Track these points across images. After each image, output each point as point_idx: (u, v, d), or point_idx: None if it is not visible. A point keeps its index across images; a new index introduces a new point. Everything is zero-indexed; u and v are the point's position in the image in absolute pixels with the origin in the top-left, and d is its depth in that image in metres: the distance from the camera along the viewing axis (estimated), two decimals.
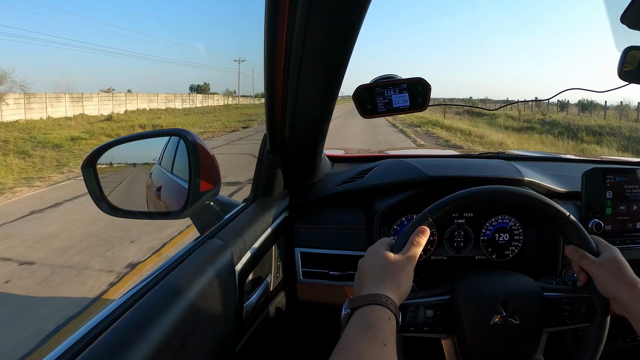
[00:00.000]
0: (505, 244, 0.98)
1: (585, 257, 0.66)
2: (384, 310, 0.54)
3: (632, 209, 0.95)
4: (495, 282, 0.71)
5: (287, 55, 0.69)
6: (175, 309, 0.51)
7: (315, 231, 0.98)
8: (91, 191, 0.81)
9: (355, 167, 1.17)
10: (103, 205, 0.82)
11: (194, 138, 0.76)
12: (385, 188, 1.00)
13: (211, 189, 0.79)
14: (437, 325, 0.66)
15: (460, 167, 1.05)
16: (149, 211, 1.01)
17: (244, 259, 0.72)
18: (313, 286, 0.98)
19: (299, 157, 0.97)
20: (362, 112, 0.76)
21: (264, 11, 0.63)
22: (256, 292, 0.78)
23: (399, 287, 0.59)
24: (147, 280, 0.57)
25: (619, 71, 0.78)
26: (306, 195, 1.03)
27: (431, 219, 0.67)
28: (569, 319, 0.67)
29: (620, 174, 0.95)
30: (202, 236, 0.72)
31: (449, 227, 0.97)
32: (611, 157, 2.39)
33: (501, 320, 0.65)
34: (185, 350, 0.51)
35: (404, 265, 0.61)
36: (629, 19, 0.67)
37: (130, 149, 0.85)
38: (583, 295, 0.67)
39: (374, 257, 0.63)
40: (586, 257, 0.66)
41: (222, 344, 0.65)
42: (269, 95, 0.79)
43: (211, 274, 0.61)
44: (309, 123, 0.88)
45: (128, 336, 0.45)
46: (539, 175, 1.05)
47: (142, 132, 0.87)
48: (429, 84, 0.74)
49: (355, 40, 0.67)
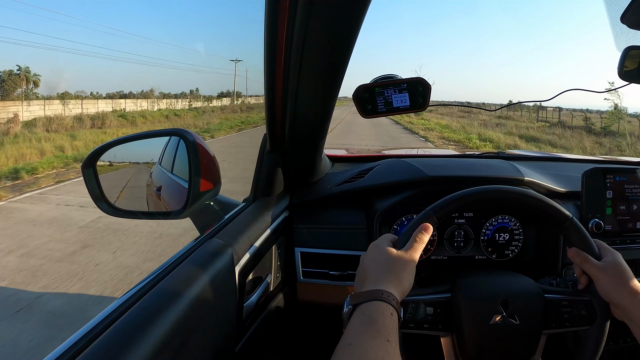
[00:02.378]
0: (505, 243, 0.98)
1: (587, 260, 0.66)
2: (386, 306, 0.54)
3: (632, 208, 0.95)
4: (497, 281, 0.71)
5: (287, 55, 0.69)
6: (175, 308, 0.51)
7: (315, 231, 0.98)
8: (91, 191, 0.81)
9: (355, 167, 1.17)
10: (103, 205, 0.82)
11: (194, 138, 0.76)
12: (385, 188, 1.00)
13: (211, 188, 0.79)
14: (437, 322, 0.66)
15: (460, 167, 1.05)
16: (149, 211, 1.01)
17: (244, 259, 0.72)
18: (313, 286, 0.98)
19: (299, 157, 0.97)
20: (363, 111, 0.76)
21: (264, 11, 0.63)
22: (256, 292, 0.78)
23: (401, 284, 0.58)
24: (148, 280, 0.57)
25: (619, 71, 0.78)
26: (306, 195, 1.03)
27: (435, 217, 0.67)
28: (569, 322, 0.67)
29: (621, 174, 0.95)
30: (202, 236, 0.72)
31: (449, 227, 0.97)
32: (611, 157, 2.38)
33: (501, 320, 0.65)
34: (186, 350, 0.51)
35: (406, 261, 0.61)
36: (629, 19, 0.67)
37: (130, 149, 0.85)
38: (584, 298, 0.67)
39: (376, 253, 0.62)
40: (589, 260, 0.66)
41: (222, 343, 0.65)
42: (269, 95, 0.79)
43: (211, 274, 0.61)
44: (309, 123, 0.88)
45: (128, 336, 0.45)
46: (539, 175, 1.05)
47: (142, 132, 0.87)
48: (429, 83, 0.74)
49: (355, 40, 0.67)
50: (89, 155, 0.81)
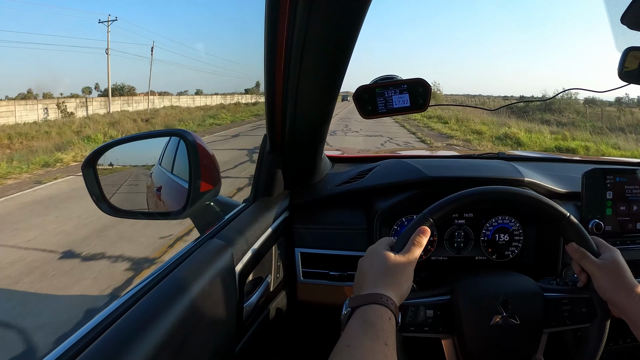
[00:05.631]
0: (505, 244, 0.97)
1: (586, 256, 0.66)
2: (384, 310, 0.54)
3: (632, 209, 0.95)
4: (496, 282, 0.71)
5: (287, 55, 0.69)
6: (175, 309, 0.51)
7: (315, 231, 0.98)
8: (91, 191, 0.81)
9: (356, 167, 1.17)
10: (103, 205, 0.82)
11: (194, 138, 0.76)
12: (385, 188, 1.00)
13: (211, 189, 0.79)
14: (438, 325, 0.66)
15: (460, 167, 1.05)
16: (149, 211, 1.01)
17: (244, 259, 0.72)
18: (313, 286, 0.98)
19: (299, 158, 0.97)
20: (363, 112, 0.76)
21: (264, 11, 0.63)
22: (256, 292, 0.78)
23: (399, 288, 0.59)
24: (148, 280, 0.57)
25: (619, 71, 0.78)
26: (306, 195, 1.03)
27: (432, 220, 0.67)
28: (569, 320, 0.67)
29: (621, 175, 0.95)
30: (203, 236, 0.72)
31: (449, 228, 0.97)
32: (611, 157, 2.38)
33: (501, 321, 0.65)
34: (186, 350, 0.51)
35: (404, 265, 0.61)
36: (629, 20, 0.67)
37: (130, 149, 0.85)
38: (583, 296, 0.67)
39: (374, 257, 0.62)
40: (587, 257, 0.66)
41: (222, 344, 0.65)
42: (269, 96, 0.79)
43: (211, 274, 0.61)
44: (309, 123, 0.88)
45: (128, 336, 0.45)
46: (539, 175, 1.05)
47: (143, 132, 0.87)
48: (429, 84, 0.74)
49: (355, 40, 0.67)
50: (89, 155, 0.81)
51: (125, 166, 0.92)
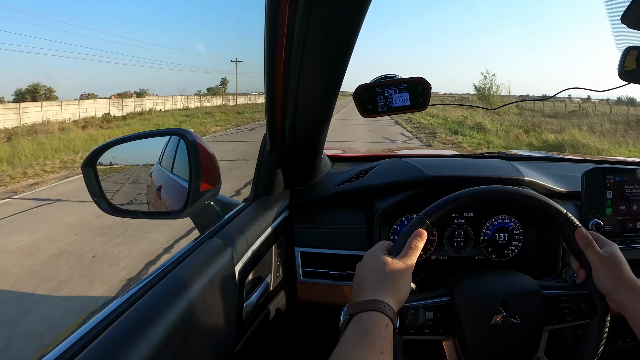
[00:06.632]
0: (505, 243, 0.97)
1: (591, 245, 0.65)
2: (381, 317, 0.54)
3: (632, 209, 0.95)
4: (495, 281, 0.71)
5: (288, 55, 0.69)
6: (175, 308, 0.51)
7: (315, 231, 0.98)
8: (91, 191, 0.81)
9: (355, 166, 1.17)
10: (103, 204, 0.82)
11: (194, 138, 0.76)
12: (385, 188, 1.00)
13: (211, 188, 0.79)
14: (438, 326, 0.66)
15: (460, 167, 1.05)
16: (149, 211, 1.01)
17: (244, 259, 0.72)
18: (313, 286, 0.98)
19: (299, 157, 0.97)
20: (363, 111, 0.76)
21: (264, 11, 0.63)
22: (256, 292, 0.78)
23: (397, 292, 0.59)
24: (148, 279, 0.57)
25: (619, 71, 0.78)
26: (306, 195, 1.03)
27: (428, 222, 0.66)
28: (569, 316, 0.67)
29: (621, 174, 0.95)
30: (202, 236, 0.72)
31: (449, 227, 0.97)
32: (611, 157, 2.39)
33: (501, 320, 0.65)
34: (185, 349, 0.51)
35: (402, 270, 0.61)
36: (629, 19, 0.67)
37: (130, 149, 0.85)
38: (582, 292, 0.67)
39: (372, 262, 0.62)
40: (592, 245, 0.65)
41: (222, 343, 0.65)
42: (269, 95, 0.79)
43: (211, 274, 0.61)
44: (309, 123, 0.87)
45: (128, 335, 0.45)
46: (539, 175, 1.05)
47: (143, 132, 0.87)
48: (429, 83, 0.74)
49: (355, 40, 0.67)
50: (89, 154, 0.81)
51: (126, 166, 0.92)
